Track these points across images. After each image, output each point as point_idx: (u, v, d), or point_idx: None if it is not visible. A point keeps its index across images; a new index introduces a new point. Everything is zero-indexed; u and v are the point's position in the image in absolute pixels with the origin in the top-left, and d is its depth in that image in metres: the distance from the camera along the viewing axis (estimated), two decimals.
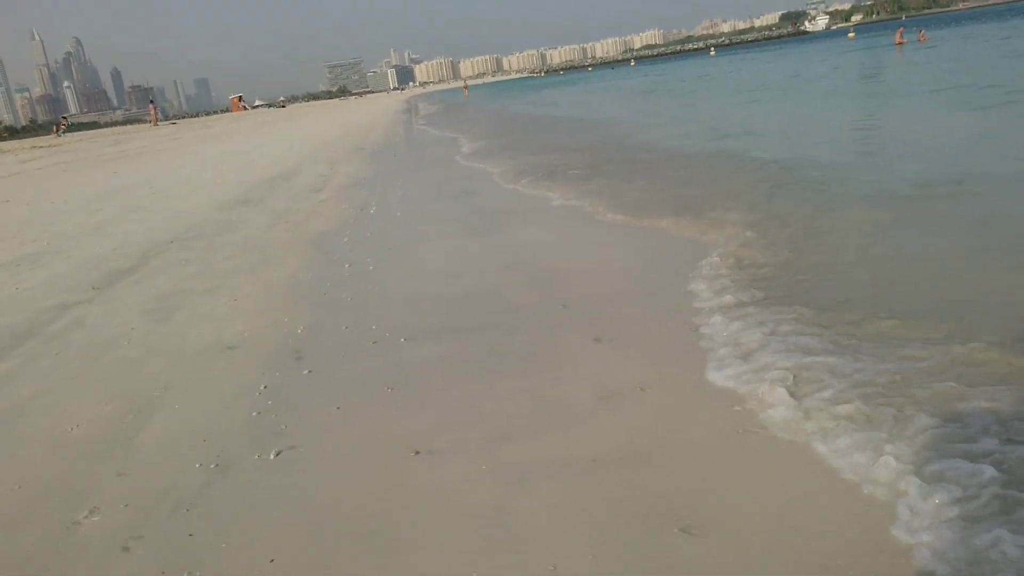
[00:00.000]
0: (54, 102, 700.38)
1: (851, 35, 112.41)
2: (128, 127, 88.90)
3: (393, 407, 4.41)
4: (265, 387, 4.88)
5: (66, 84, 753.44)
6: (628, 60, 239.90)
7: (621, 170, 12.65)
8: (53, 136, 54.68)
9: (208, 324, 6.38)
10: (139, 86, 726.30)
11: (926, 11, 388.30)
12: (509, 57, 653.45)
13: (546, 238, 8.42)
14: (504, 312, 5.89)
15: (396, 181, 15.25)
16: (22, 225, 13.75)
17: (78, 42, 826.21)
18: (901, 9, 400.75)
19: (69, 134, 60.87)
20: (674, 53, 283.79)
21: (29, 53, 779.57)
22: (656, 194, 10.04)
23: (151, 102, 77.58)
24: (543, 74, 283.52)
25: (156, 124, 74.56)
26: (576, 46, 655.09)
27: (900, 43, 45.80)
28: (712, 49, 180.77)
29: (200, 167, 22.91)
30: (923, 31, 51.16)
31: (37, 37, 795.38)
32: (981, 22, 78.42)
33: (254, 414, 4.49)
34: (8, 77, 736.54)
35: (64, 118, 71.93)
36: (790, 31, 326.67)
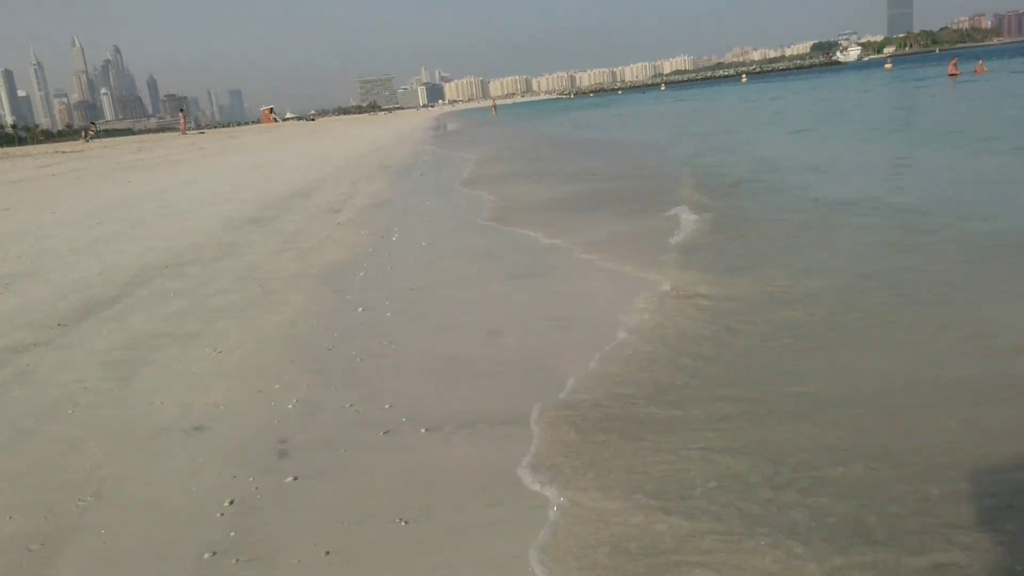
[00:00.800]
0: (91, 108, 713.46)
1: (888, 66, 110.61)
2: (159, 135, 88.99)
3: (407, 556, 3.01)
4: (231, 503, 3.50)
5: (103, 91, 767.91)
6: (658, 84, 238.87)
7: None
8: (81, 141, 54.17)
9: (178, 388, 5.02)
10: (174, 95, 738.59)
11: (960, 45, 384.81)
12: (539, 78, 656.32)
13: (606, 291, 6.98)
14: (555, 387, 4.48)
15: (422, 204, 13.94)
16: (11, 238, 12.58)
17: (117, 50, 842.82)
18: (935, 43, 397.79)
19: (96, 140, 60.40)
20: (703, 79, 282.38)
21: (69, 59, 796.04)
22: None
23: (181, 111, 77.41)
24: (572, 96, 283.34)
25: (185, 133, 74.38)
26: (606, 69, 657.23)
27: (953, 74, 44.10)
28: (744, 76, 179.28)
29: (217, 179, 21.81)
30: (981, 62, 49.40)
31: (77, 44, 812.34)
32: None
33: (207, 555, 3.10)
34: (48, 82, 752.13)
35: (93, 124, 71.83)
36: (822, 61, 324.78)
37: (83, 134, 60.25)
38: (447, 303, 6.86)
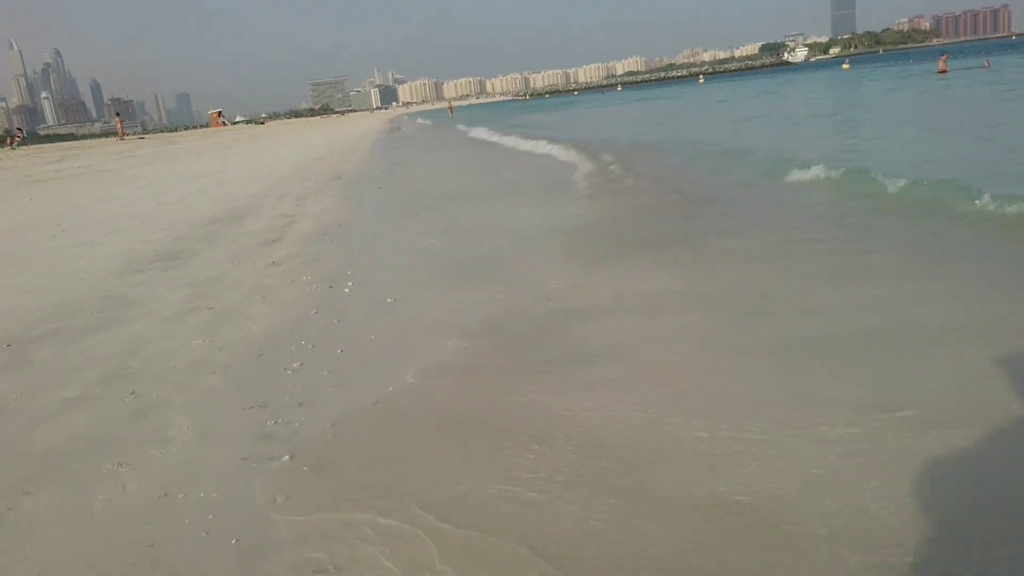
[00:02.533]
0: (31, 113, 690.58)
1: (845, 66, 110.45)
2: (93, 141, 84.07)
3: None
4: None
5: (44, 95, 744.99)
6: (614, 85, 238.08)
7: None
8: (7, 148, 49.81)
9: None
10: (119, 99, 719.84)
11: (902, 46, 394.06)
12: (492, 80, 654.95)
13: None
14: None
15: (382, 230, 11.09)
16: None
17: (57, 53, 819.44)
18: (878, 44, 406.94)
19: (24, 147, 55.91)
20: (658, 80, 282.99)
21: (6, 63, 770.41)
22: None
23: (117, 115, 72.61)
24: (528, 97, 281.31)
25: (123, 138, 69.86)
26: (559, 71, 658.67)
27: (943, 71, 42.59)
28: (701, 77, 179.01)
29: (138, 195, 18.61)
30: (988, 61, 49.69)
31: (15, 47, 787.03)
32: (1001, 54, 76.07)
33: None
34: None
35: (20, 129, 66.85)
36: (772, 61, 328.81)
37: (8, 140, 55.67)
38: (439, 436, 4.07)
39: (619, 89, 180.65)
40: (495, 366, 4.92)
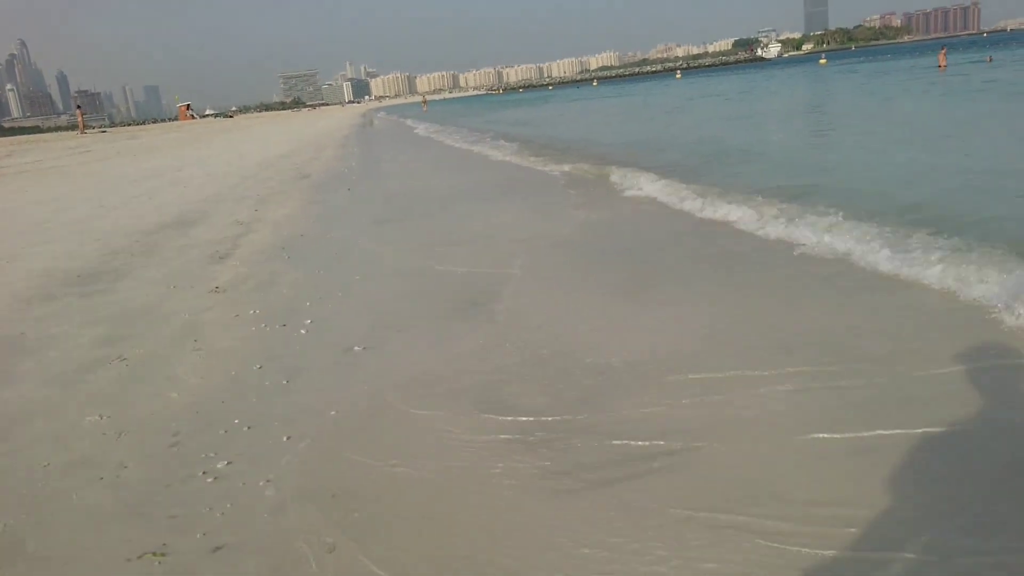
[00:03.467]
0: None
1: (823, 61, 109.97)
2: (50, 135, 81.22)
3: None
4: None
5: (8, 87, 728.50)
6: (590, 80, 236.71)
7: None
8: None
9: None
10: (86, 91, 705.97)
11: (873, 43, 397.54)
12: (466, 74, 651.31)
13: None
14: None
15: (351, 246, 9.46)
16: None
17: (23, 44, 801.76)
18: (851, 40, 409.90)
19: None
20: (633, 75, 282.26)
21: None
22: None
23: (79, 107, 69.86)
24: (501, 91, 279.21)
25: (84, 132, 67.23)
26: (533, 65, 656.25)
27: (943, 66, 41.68)
28: (678, 72, 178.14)
29: (82, 198, 16.78)
30: (991, 56, 49.62)
31: None
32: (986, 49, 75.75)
33: None
34: None
35: None
36: (747, 57, 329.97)
37: None
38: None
39: (595, 84, 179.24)
40: (522, 480, 3.36)
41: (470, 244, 8.68)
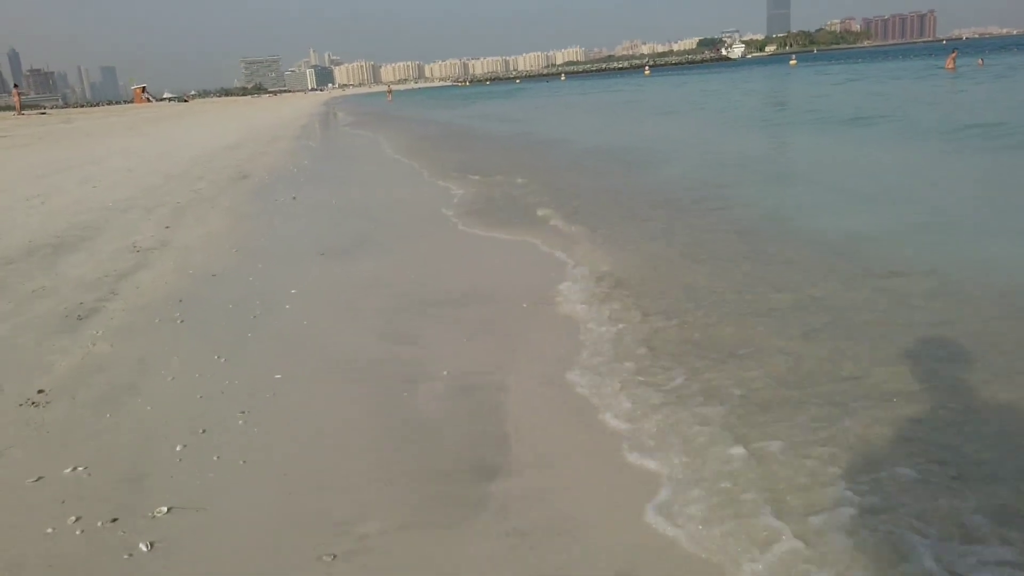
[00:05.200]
0: None
1: (793, 62, 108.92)
2: None
3: None
4: None
5: None
6: (558, 74, 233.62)
7: None
8: None
9: None
10: (39, 70, 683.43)
11: (834, 47, 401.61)
12: (431, 65, 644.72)
13: None
14: None
15: (282, 297, 6.50)
16: None
17: None
18: (812, 43, 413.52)
19: None
20: (600, 71, 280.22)
21: None
22: None
23: (15, 87, 65.06)
24: (467, 83, 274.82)
25: (20, 113, 62.54)
26: (499, 58, 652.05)
27: (952, 68, 39.70)
28: (647, 68, 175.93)
29: None
30: (982, 59, 48.19)
31: None
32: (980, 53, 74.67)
33: None
34: None
35: None
36: (712, 56, 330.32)
37: None
38: None
39: (563, 78, 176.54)
40: None
41: (461, 306, 5.80)
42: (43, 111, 73.17)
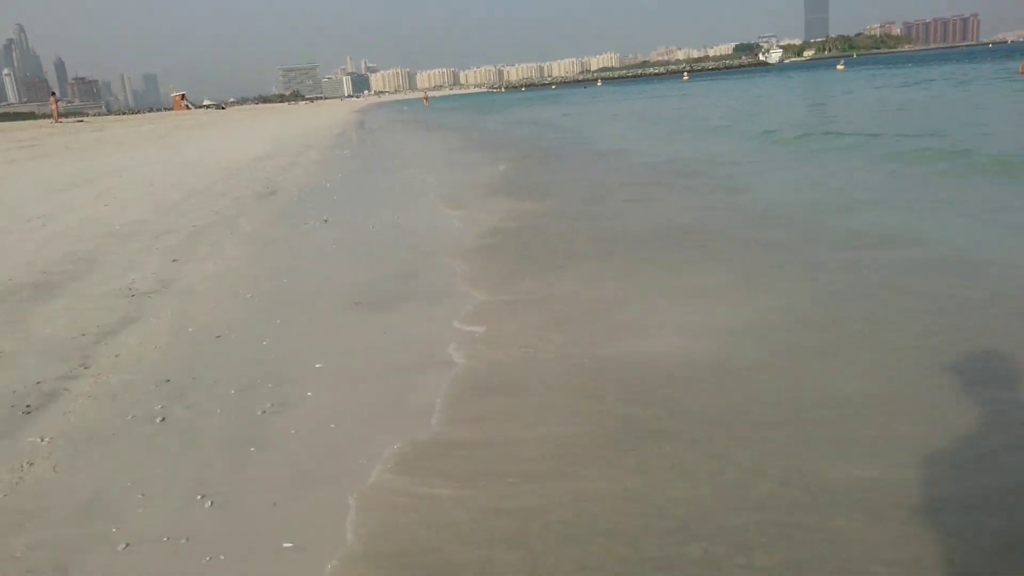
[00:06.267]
0: None
1: (840, 67, 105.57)
2: (15, 123, 76.52)
3: None
4: None
5: (5, 72, 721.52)
6: (594, 80, 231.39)
7: None
8: None
9: None
10: (83, 78, 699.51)
11: (874, 51, 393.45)
12: (466, 71, 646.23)
13: None
14: None
15: (300, 378, 4.86)
16: None
17: (21, 29, 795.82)
18: (852, 48, 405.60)
19: None
20: (635, 76, 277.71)
21: None
22: None
23: (52, 94, 64.97)
24: (503, 90, 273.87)
25: (58, 121, 62.42)
26: (533, 64, 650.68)
27: None
28: (685, 74, 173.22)
29: None
30: None
31: None
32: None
33: None
34: None
35: None
36: (751, 61, 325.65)
37: None
38: None
39: (599, 84, 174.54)
40: None
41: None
42: (80, 119, 73.17)
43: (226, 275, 7.53)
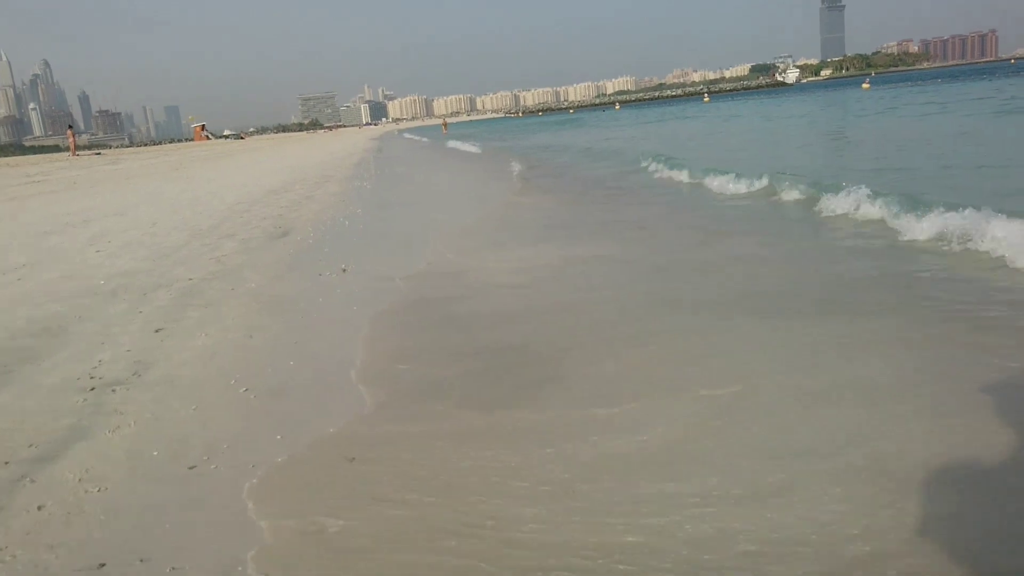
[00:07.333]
0: (18, 124, 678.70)
1: (866, 86, 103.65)
2: (30, 157, 76.43)
3: None
4: None
5: (32, 106, 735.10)
6: (612, 104, 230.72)
7: None
8: None
9: None
10: (107, 111, 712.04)
11: (892, 69, 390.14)
12: (483, 97, 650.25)
13: None
14: None
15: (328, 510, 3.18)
16: None
17: (46, 64, 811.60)
18: (869, 66, 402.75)
19: None
20: (653, 99, 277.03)
21: None
22: None
23: (69, 127, 64.27)
24: (521, 114, 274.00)
25: (75, 154, 61.80)
26: (549, 89, 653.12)
27: None
28: (706, 95, 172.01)
29: None
30: None
31: (3, 57, 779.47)
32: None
33: None
34: None
35: None
36: (768, 82, 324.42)
37: None
38: None
39: (617, 107, 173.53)
40: None
41: None
42: (98, 152, 72.73)
43: (217, 355, 5.88)
